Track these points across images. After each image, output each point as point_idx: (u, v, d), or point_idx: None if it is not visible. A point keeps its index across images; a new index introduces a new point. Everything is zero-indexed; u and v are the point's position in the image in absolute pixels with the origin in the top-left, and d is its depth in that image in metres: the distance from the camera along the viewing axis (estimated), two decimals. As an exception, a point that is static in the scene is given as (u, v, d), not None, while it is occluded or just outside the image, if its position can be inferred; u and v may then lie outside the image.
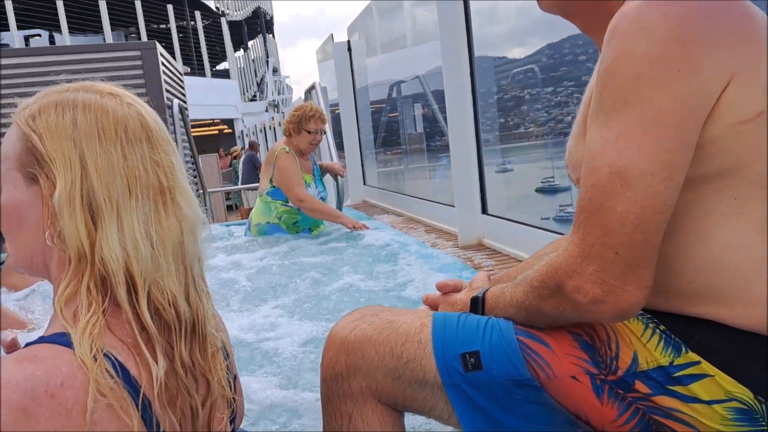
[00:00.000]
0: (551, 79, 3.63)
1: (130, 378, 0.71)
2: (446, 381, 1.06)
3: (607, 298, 0.88)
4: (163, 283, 0.76)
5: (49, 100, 0.79)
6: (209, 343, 0.83)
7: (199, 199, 4.06)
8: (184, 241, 0.80)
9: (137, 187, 0.76)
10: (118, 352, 0.71)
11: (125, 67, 4.87)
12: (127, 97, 0.83)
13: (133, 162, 0.77)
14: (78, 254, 0.73)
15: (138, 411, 0.69)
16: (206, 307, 0.84)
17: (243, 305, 2.42)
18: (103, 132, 0.76)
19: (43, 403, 0.64)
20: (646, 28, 0.86)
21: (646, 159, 0.85)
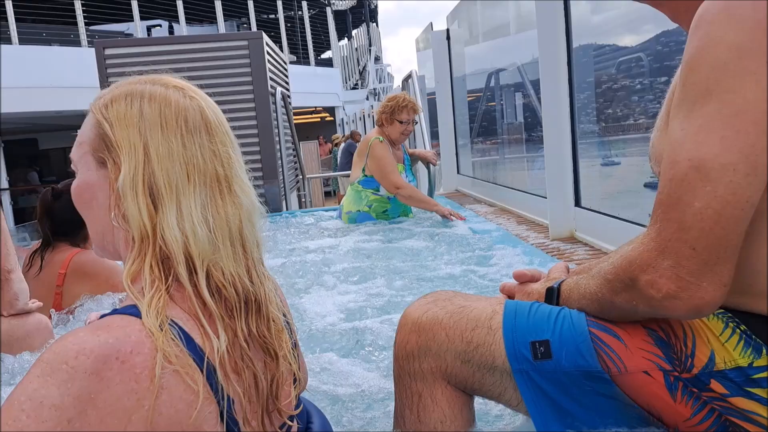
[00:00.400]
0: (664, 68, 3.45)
1: (195, 346, 0.75)
2: (515, 368, 1.07)
3: (681, 294, 0.86)
4: (223, 264, 0.81)
5: (121, 91, 0.85)
6: (273, 322, 0.87)
7: (297, 185, 4.22)
8: (242, 227, 0.85)
9: (195, 174, 0.81)
10: (183, 322, 0.76)
11: (233, 56, 5.13)
12: (191, 90, 0.89)
13: (192, 151, 0.82)
14: (141, 234, 0.79)
15: (203, 375, 0.74)
16: (267, 288, 0.89)
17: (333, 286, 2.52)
18: (165, 122, 0.82)
19: (114, 368, 0.69)
20: (734, 16, 0.83)
21: (728, 152, 0.82)
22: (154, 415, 0.70)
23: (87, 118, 0.87)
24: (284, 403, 0.88)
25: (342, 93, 22.25)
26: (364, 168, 3.90)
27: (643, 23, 3.36)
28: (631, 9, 3.45)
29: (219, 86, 5.08)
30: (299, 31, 22.67)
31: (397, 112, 3.83)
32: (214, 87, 4.99)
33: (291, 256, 3.19)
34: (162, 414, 0.71)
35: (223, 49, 5.14)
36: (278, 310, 0.90)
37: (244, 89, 5.11)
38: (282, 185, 5.41)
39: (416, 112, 3.91)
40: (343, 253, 3.14)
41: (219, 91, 5.07)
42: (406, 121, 3.85)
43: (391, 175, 3.81)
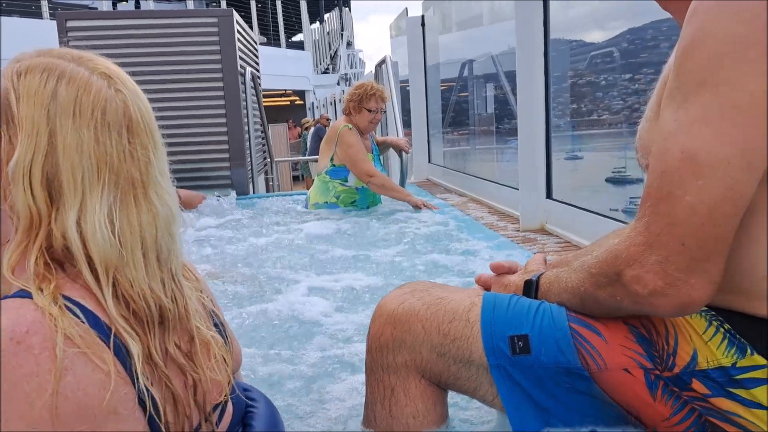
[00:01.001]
0: (630, 65, 3.47)
1: (100, 323, 0.70)
2: (492, 362, 1.04)
3: (668, 291, 0.84)
4: (132, 276, 0.74)
5: (40, 62, 0.76)
6: (196, 337, 0.82)
7: (265, 168, 4.12)
8: (157, 237, 0.78)
9: (106, 173, 0.74)
10: (85, 300, 0.70)
11: (202, 33, 4.97)
12: (120, 82, 0.79)
13: (105, 147, 0.74)
14: (28, 224, 0.72)
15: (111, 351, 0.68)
16: (188, 300, 0.83)
17: (299, 276, 2.46)
18: (80, 110, 0.73)
19: (10, 350, 0.63)
20: (732, 5, 0.80)
21: (723, 146, 0.79)
22: (59, 399, 0.63)
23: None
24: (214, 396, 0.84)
25: (313, 77, 22.03)
26: (332, 157, 3.81)
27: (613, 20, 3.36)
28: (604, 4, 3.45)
29: (186, 64, 4.93)
30: (270, 12, 22.33)
31: (366, 101, 3.75)
32: (181, 65, 4.92)
33: (255, 243, 3.11)
34: (69, 398, 0.64)
35: (191, 26, 4.98)
36: (203, 319, 0.85)
37: (212, 68, 4.97)
38: (249, 168, 5.30)
39: (385, 100, 3.83)
40: (309, 243, 3.08)
41: (186, 69, 4.93)
42: (374, 109, 3.77)
43: (363, 163, 3.74)
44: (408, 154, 4.33)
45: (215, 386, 0.84)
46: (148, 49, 4.91)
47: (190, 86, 4.95)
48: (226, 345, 0.89)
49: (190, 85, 4.95)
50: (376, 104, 3.78)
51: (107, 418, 0.67)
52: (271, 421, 0.98)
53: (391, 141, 4.33)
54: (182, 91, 4.93)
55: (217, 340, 0.86)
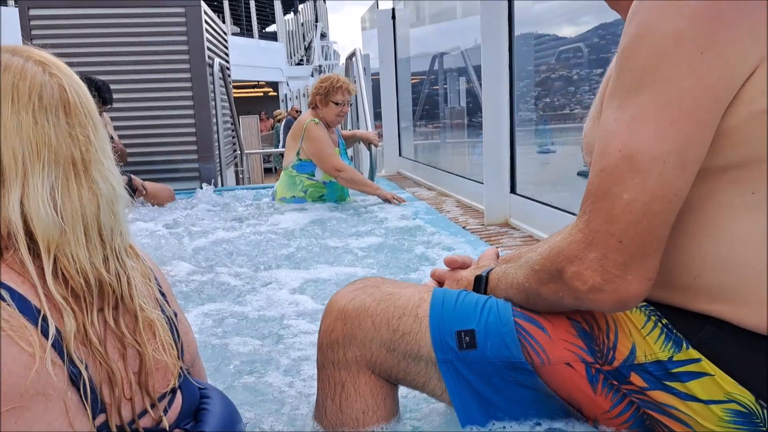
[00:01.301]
0: (600, 60, 3.51)
1: (30, 306, 0.71)
2: (440, 357, 1.05)
3: (606, 287, 0.85)
4: (71, 251, 0.77)
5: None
6: (141, 311, 0.84)
7: (235, 160, 4.08)
8: (99, 214, 0.80)
9: (45, 153, 0.77)
10: (17, 285, 0.72)
11: (169, 23, 4.90)
12: (54, 66, 0.82)
13: (44, 129, 0.77)
14: None
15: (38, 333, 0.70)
16: (132, 278, 0.84)
17: (257, 270, 2.44)
18: (18, 95, 0.77)
19: None
20: (672, 4, 0.81)
21: (660, 144, 0.81)
22: None
23: None
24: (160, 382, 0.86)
25: (286, 68, 21.84)
26: (298, 152, 3.77)
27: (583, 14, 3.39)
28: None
29: (153, 54, 4.86)
30: (243, 3, 22.06)
31: (332, 93, 3.72)
32: (148, 55, 4.84)
33: (214, 236, 3.07)
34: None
35: (158, 15, 4.90)
36: (149, 298, 0.87)
37: (179, 59, 4.90)
38: (218, 161, 5.25)
39: (351, 93, 3.81)
40: (271, 236, 3.05)
41: (153, 60, 4.86)
42: (341, 102, 3.75)
43: (331, 157, 3.71)
44: (378, 147, 4.33)
45: (161, 371, 0.86)
46: (113, 39, 4.82)
47: (156, 77, 4.88)
48: (172, 331, 0.90)
49: (157, 76, 4.88)
50: (343, 97, 3.75)
51: (34, 399, 0.69)
52: (228, 419, 0.98)
53: (360, 135, 4.31)
54: (148, 82, 4.86)
55: (162, 322, 0.87)
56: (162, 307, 0.91)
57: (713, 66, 0.79)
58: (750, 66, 0.80)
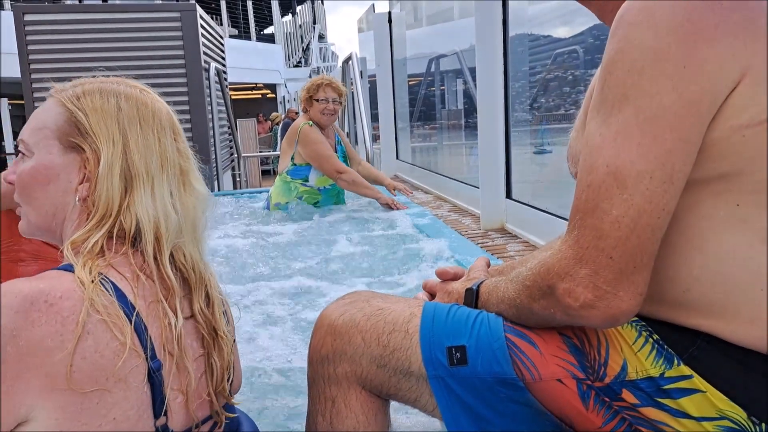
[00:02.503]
0: (594, 61, 3.51)
1: (126, 301, 0.80)
2: (430, 373, 1.04)
3: (598, 304, 0.85)
4: (185, 248, 0.92)
5: (92, 87, 0.93)
6: (217, 306, 0.96)
7: (232, 164, 4.08)
8: (198, 216, 0.95)
9: (167, 165, 0.92)
10: (117, 281, 0.82)
11: (165, 28, 4.90)
12: (155, 95, 0.99)
13: (164, 145, 0.93)
14: (105, 212, 0.86)
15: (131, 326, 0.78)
16: (210, 274, 0.98)
17: (249, 280, 2.43)
18: (143, 118, 0.92)
19: (42, 309, 0.73)
20: (653, 19, 0.81)
21: (644, 159, 0.81)
22: (76, 358, 0.73)
23: (47, 105, 0.93)
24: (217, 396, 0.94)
25: (284, 70, 21.85)
26: (293, 156, 3.71)
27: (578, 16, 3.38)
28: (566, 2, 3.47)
29: (148, 59, 4.85)
30: (241, 4, 22.07)
31: (313, 91, 3.68)
32: (144, 60, 4.83)
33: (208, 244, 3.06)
34: (86, 358, 0.74)
35: (153, 20, 4.90)
36: (220, 296, 0.99)
37: (175, 63, 4.90)
38: (214, 164, 5.24)
39: (337, 91, 3.71)
40: (265, 243, 3.02)
41: (148, 64, 4.84)
42: (323, 99, 3.66)
43: (330, 159, 3.62)
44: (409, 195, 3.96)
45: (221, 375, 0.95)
46: (108, 44, 4.82)
47: (152, 82, 4.75)
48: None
49: (153, 81, 4.76)
50: (325, 94, 3.66)
51: (116, 384, 0.77)
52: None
53: (376, 177, 3.98)
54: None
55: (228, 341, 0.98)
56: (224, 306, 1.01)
57: (693, 81, 0.79)
58: (730, 81, 0.80)
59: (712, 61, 0.79)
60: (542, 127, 3.81)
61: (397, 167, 6.26)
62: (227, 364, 0.95)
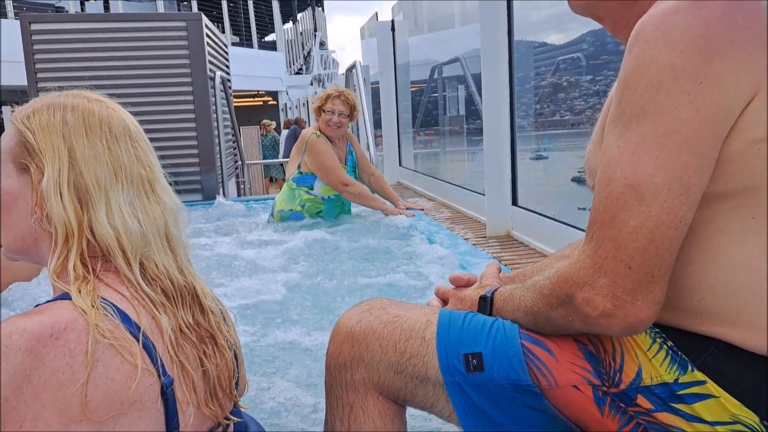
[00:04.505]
0: (592, 67, 3.53)
1: (131, 321, 0.79)
2: (447, 380, 1.06)
3: (617, 312, 0.86)
4: (155, 257, 0.88)
5: (42, 103, 0.90)
6: (210, 313, 0.93)
7: (236, 171, 4.10)
8: (168, 225, 0.91)
9: (122, 175, 0.88)
10: (117, 302, 0.80)
11: (171, 37, 4.92)
12: (111, 104, 0.94)
13: (117, 153, 0.88)
14: (65, 232, 0.83)
15: (139, 345, 0.77)
16: (201, 284, 0.95)
17: (261, 289, 2.43)
18: (90, 128, 0.88)
19: (48, 344, 0.72)
20: (669, 36, 0.83)
21: (662, 173, 0.83)
22: (89, 388, 0.72)
23: (6, 130, 0.92)
24: (224, 401, 0.93)
25: (286, 78, 21.92)
26: (299, 165, 3.73)
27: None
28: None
29: (154, 68, 4.88)
30: (242, 12, 22.16)
31: (323, 102, 3.71)
32: (149, 69, 4.87)
33: (215, 253, 3.05)
34: (98, 387, 0.73)
35: (159, 30, 4.93)
36: (215, 303, 0.97)
37: (181, 72, 4.93)
38: (220, 172, 5.27)
39: (346, 104, 3.72)
40: (274, 254, 3.02)
41: (154, 73, 4.87)
42: (329, 110, 3.68)
43: (336, 170, 3.62)
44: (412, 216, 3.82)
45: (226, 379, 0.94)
46: (114, 53, 4.85)
47: (158, 91, 4.90)
48: (236, 359, 0.99)
49: (159, 90, 4.90)
50: (332, 105, 3.68)
51: (132, 406, 0.76)
52: None
53: (395, 200, 3.97)
54: (150, 96, 4.88)
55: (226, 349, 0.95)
56: (222, 313, 0.99)
57: (709, 97, 0.81)
58: (745, 96, 0.83)
59: (728, 76, 0.81)
60: (547, 132, 3.84)
61: (400, 174, 6.28)
62: (229, 371, 0.94)
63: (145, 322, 0.81)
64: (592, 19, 1.09)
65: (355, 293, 2.27)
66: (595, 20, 1.09)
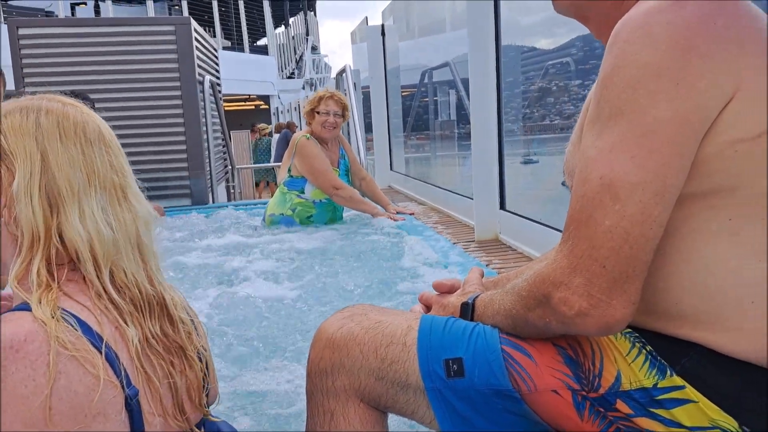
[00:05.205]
0: (581, 71, 3.55)
1: (93, 332, 0.78)
2: (428, 386, 1.06)
3: (592, 312, 0.86)
4: (125, 265, 0.87)
5: (15, 106, 0.89)
6: (182, 323, 0.93)
7: (226, 176, 4.08)
8: (139, 235, 0.91)
9: (95, 180, 0.87)
10: (78, 312, 0.79)
11: (159, 42, 4.91)
12: (85, 109, 0.94)
13: (91, 158, 0.88)
14: (31, 237, 0.82)
15: (102, 357, 0.76)
16: (173, 293, 0.94)
17: (246, 294, 2.42)
18: (64, 132, 0.87)
19: (9, 357, 0.71)
20: (648, 36, 0.83)
21: (638, 172, 0.83)
22: (53, 400, 0.71)
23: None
24: (192, 412, 0.92)
25: (277, 81, 21.91)
26: (290, 168, 3.71)
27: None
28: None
29: (143, 72, 4.86)
30: (234, 16, 22.14)
31: (315, 104, 3.69)
32: (138, 73, 4.85)
33: (202, 257, 3.03)
34: (62, 399, 0.72)
35: (148, 34, 4.91)
36: (186, 313, 0.96)
37: (170, 77, 4.91)
38: (209, 177, 5.25)
39: (339, 104, 3.70)
40: (260, 258, 3.00)
41: (143, 78, 4.86)
42: (324, 111, 3.66)
43: (327, 174, 3.60)
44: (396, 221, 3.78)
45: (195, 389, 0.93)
46: (103, 58, 4.83)
47: (147, 95, 4.89)
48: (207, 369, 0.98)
49: (148, 94, 4.89)
50: (327, 107, 3.66)
51: (95, 418, 0.75)
52: None
53: (386, 204, 3.96)
54: (139, 100, 4.87)
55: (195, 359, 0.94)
56: (194, 322, 0.98)
57: (688, 97, 0.82)
58: (724, 97, 0.83)
59: (706, 77, 0.81)
60: (537, 137, 3.84)
61: (391, 178, 6.28)
62: (198, 382, 0.93)
63: (108, 333, 0.79)
64: (577, 20, 1.09)
65: (343, 298, 2.27)
66: (580, 21, 1.09)
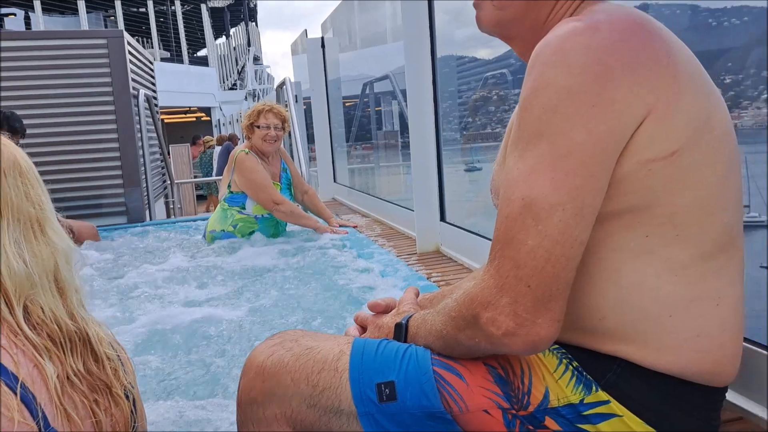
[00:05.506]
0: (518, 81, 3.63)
1: (8, 372, 0.75)
2: (360, 411, 1.04)
3: (519, 331, 0.87)
4: (42, 301, 0.83)
5: None
6: (109, 360, 0.91)
7: (165, 191, 3.96)
8: (59, 269, 0.88)
9: (9, 212, 0.84)
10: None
11: (92, 55, 4.75)
12: (3, 140, 0.90)
13: (5, 189, 0.84)
14: None
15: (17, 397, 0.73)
16: (96, 330, 0.92)
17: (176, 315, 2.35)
18: None
19: None
20: (565, 59, 0.85)
21: (557, 193, 0.84)
22: None
23: None
24: None
25: (219, 93, 21.58)
26: (230, 184, 3.64)
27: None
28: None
29: (75, 87, 4.69)
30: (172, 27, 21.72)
31: (254, 118, 3.63)
32: (70, 88, 4.68)
33: (136, 278, 2.93)
34: None
35: (79, 47, 4.74)
36: (113, 349, 0.93)
37: (102, 91, 4.75)
38: (146, 193, 5.10)
39: (279, 117, 3.65)
40: (199, 278, 2.92)
41: (75, 92, 4.69)
42: (264, 125, 3.60)
43: (267, 189, 3.53)
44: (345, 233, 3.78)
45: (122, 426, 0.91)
46: (32, 72, 4.64)
47: (79, 110, 4.72)
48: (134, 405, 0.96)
49: (80, 109, 4.72)
50: (266, 120, 3.60)
51: None
52: None
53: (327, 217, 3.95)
54: (71, 116, 4.69)
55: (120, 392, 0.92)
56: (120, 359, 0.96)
57: (602, 119, 0.84)
58: (637, 118, 0.85)
59: (620, 100, 0.84)
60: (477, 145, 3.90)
61: (335, 190, 6.26)
62: (125, 420, 0.91)
63: (24, 372, 0.76)
64: (501, 39, 1.11)
65: (284, 318, 2.23)
66: (503, 41, 1.11)
